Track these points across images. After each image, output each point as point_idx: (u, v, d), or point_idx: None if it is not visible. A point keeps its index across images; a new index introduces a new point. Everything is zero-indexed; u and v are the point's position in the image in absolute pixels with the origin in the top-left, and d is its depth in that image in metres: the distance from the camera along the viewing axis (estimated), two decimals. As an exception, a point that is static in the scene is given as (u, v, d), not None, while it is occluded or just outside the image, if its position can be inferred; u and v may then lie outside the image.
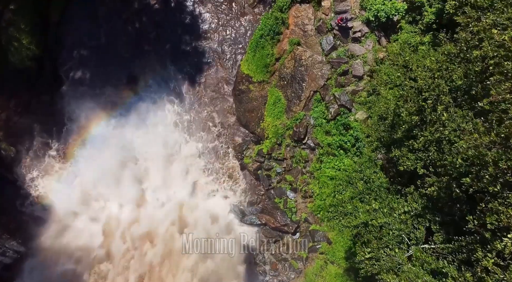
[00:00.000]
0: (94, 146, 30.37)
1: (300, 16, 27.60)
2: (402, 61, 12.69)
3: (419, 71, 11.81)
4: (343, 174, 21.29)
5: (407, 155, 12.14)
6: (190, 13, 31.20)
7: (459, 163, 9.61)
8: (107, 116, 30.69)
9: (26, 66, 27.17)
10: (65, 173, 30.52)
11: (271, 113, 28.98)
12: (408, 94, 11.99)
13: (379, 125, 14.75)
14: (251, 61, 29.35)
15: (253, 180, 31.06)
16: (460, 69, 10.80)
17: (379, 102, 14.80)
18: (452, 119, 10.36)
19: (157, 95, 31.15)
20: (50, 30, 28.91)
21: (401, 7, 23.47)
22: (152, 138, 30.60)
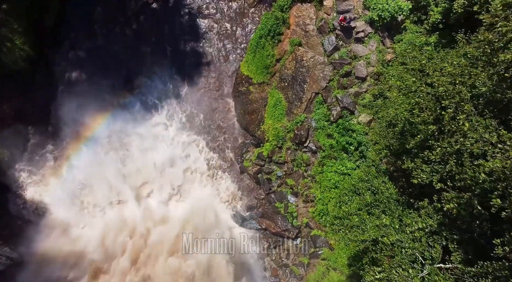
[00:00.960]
0: (90, 149, 29.66)
1: (302, 15, 26.87)
2: (418, 65, 11.82)
3: (438, 76, 10.96)
4: (347, 183, 20.45)
5: (421, 167, 11.21)
6: (189, 14, 30.47)
7: (483, 178, 8.77)
8: (103, 119, 29.91)
9: (20, 67, 26.35)
10: (60, 176, 29.72)
11: (272, 116, 28.24)
12: (424, 101, 11.13)
13: (387, 132, 13.91)
14: (251, 62, 28.61)
15: (253, 183, 30.35)
16: (483, 74, 9.97)
17: (387, 108, 13.99)
18: (474, 129, 9.49)
19: (154, 97, 30.47)
20: (45, 31, 28.12)
21: (406, 6, 22.74)
22: (149, 142, 29.89)
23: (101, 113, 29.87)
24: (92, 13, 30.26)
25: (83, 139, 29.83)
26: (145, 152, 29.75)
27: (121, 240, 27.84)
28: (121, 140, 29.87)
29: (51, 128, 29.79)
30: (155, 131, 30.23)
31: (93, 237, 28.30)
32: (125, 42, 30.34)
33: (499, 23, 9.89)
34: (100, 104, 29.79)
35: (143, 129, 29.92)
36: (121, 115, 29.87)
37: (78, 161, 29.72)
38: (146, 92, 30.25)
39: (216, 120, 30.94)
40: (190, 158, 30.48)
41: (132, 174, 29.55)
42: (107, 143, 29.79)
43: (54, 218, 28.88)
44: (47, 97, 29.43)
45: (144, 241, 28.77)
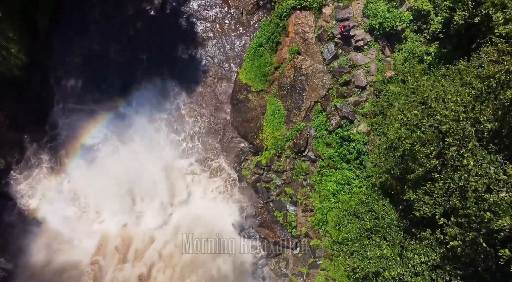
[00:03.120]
0: (87, 158, 29.34)
1: (300, 23, 26.61)
2: (420, 98, 11.46)
3: (440, 110, 10.58)
4: (346, 205, 20.10)
5: (423, 199, 10.91)
6: (186, 20, 30.18)
7: (488, 217, 8.47)
8: (100, 126, 29.61)
9: (15, 75, 25.99)
10: (56, 186, 29.39)
11: (270, 124, 27.97)
12: (426, 135, 10.80)
13: (387, 156, 13.57)
14: (249, 69, 28.33)
15: (251, 192, 30.04)
16: (489, 109, 9.66)
17: (388, 130, 13.67)
18: (479, 164, 9.18)
19: (151, 105, 30.12)
20: (40, 38, 27.78)
21: (406, 16, 22.51)
22: (146, 149, 29.55)
23: (97, 121, 29.57)
24: (88, 18, 29.94)
25: (79, 147, 29.50)
26: (141, 160, 29.36)
27: (119, 251, 27.48)
28: (117, 148, 29.52)
29: (46, 137, 29.46)
30: (151, 140, 29.88)
31: (90, 247, 27.95)
32: (121, 49, 30.02)
33: (505, 61, 9.50)
34: (96, 112, 29.51)
35: (139, 138, 29.57)
36: (117, 123, 29.57)
37: (74, 170, 29.40)
38: (142, 100, 29.90)
39: (213, 128, 30.62)
40: (187, 166, 30.15)
41: (129, 184, 29.19)
42: (103, 151, 29.44)
43: (50, 228, 28.53)
44: (43, 105, 29.08)
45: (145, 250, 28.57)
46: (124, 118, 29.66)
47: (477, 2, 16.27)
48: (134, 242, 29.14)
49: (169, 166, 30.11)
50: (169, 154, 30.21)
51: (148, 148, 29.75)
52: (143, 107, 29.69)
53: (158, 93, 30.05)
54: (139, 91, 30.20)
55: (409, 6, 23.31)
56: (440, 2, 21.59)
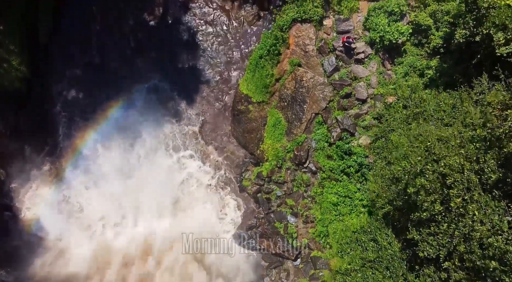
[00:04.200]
0: (87, 167, 29.32)
1: (301, 36, 26.65)
2: (424, 146, 11.33)
3: (444, 158, 10.47)
4: (349, 233, 20.00)
5: (427, 239, 10.85)
6: (187, 31, 30.24)
7: (493, 266, 8.42)
8: (100, 137, 29.60)
9: (16, 87, 26.03)
10: (57, 196, 29.36)
11: (271, 136, 27.99)
12: (431, 185, 10.71)
13: (390, 188, 13.46)
14: (250, 81, 28.38)
15: (252, 202, 30.03)
16: (493, 161, 9.59)
17: (390, 152, 13.63)
18: (483, 212, 9.11)
19: (152, 114, 30.11)
20: (41, 50, 27.82)
21: (406, 30, 22.57)
22: (146, 159, 29.57)
23: (97, 132, 29.58)
24: (89, 30, 30.00)
25: (80, 158, 29.49)
26: (142, 171, 29.37)
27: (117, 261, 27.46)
28: (117, 158, 29.49)
29: (47, 147, 29.45)
30: (151, 149, 29.90)
31: (88, 258, 27.90)
32: (122, 59, 30.04)
33: (509, 116, 9.38)
34: (96, 122, 29.55)
35: (139, 148, 29.60)
36: (118, 134, 29.54)
37: (74, 180, 29.39)
38: (143, 110, 29.90)
39: (214, 138, 30.63)
40: (187, 176, 30.11)
41: (129, 194, 29.18)
42: (103, 161, 29.44)
43: (50, 239, 28.49)
44: (44, 116, 29.11)
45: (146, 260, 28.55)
46: (124, 129, 29.65)
47: (478, 21, 16.31)
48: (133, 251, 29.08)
49: (169, 175, 30.07)
50: (169, 164, 30.17)
51: (148, 158, 29.74)
52: (144, 118, 29.68)
53: (159, 104, 30.06)
54: (139, 101, 30.20)
55: (409, 20, 23.39)
56: (441, 17, 21.68)
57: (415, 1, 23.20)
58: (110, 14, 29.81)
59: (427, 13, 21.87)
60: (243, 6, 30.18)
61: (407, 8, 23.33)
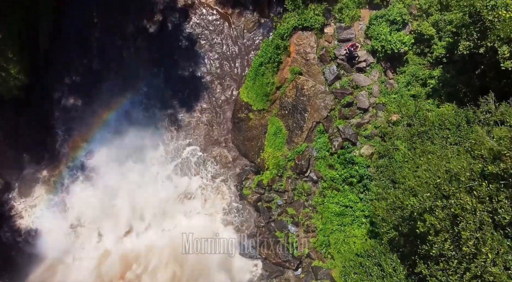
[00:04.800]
0: (87, 176, 29.06)
1: (302, 44, 26.44)
2: (433, 183, 10.93)
3: (455, 197, 10.08)
4: (353, 255, 19.72)
5: (436, 274, 10.47)
6: (187, 38, 30.01)
7: None
8: (98, 145, 29.36)
9: (15, 95, 25.79)
10: (56, 204, 29.11)
11: (272, 144, 27.74)
12: (440, 223, 10.38)
13: (395, 210, 13.09)
14: (250, 89, 28.13)
15: (252, 211, 29.77)
16: (507, 201, 9.27)
17: (394, 182, 13.34)
18: (496, 252, 8.79)
19: (151, 121, 29.89)
20: (40, 57, 27.59)
21: (408, 40, 22.34)
22: (145, 168, 29.30)
23: (96, 140, 29.34)
24: (89, 38, 29.78)
25: (79, 166, 29.24)
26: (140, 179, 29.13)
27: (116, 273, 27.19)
28: (116, 167, 29.25)
29: (47, 155, 29.20)
30: (151, 158, 29.66)
31: (86, 269, 27.62)
32: (122, 66, 29.81)
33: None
34: (96, 130, 29.31)
35: (138, 156, 29.35)
36: (116, 142, 29.26)
37: (73, 188, 29.14)
38: (142, 118, 29.67)
39: (213, 146, 30.36)
40: (186, 185, 29.86)
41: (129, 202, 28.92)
42: (103, 169, 29.21)
43: (49, 248, 28.19)
44: (43, 124, 28.87)
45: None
46: (123, 136, 29.37)
47: (482, 33, 16.08)
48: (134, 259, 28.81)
49: (168, 183, 29.84)
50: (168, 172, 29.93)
51: (147, 166, 29.51)
52: (142, 125, 29.44)
53: (157, 111, 29.83)
54: (140, 107, 29.97)
55: (411, 29, 23.19)
56: (443, 27, 21.47)
57: (417, 10, 22.99)
58: (111, 20, 29.58)
59: (430, 23, 21.66)
60: (243, 13, 29.96)
61: (409, 17, 23.12)
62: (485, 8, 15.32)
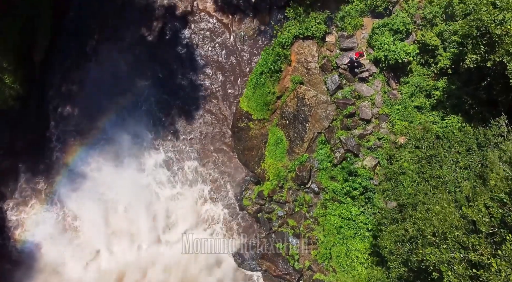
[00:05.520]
0: (82, 186, 28.51)
1: (303, 52, 25.93)
2: (451, 237, 10.10)
3: (474, 251, 9.43)
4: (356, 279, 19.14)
5: None
6: (186, 46, 29.47)
7: None
8: (95, 154, 28.80)
9: (9, 106, 25.30)
10: (52, 215, 28.57)
11: (272, 154, 27.20)
12: (459, 278, 9.59)
13: (403, 242, 12.43)
14: (250, 98, 27.61)
15: (253, 222, 29.23)
16: None
17: (400, 205, 12.78)
18: None
19: (150, 132, 29.34)
20: (36, 67, 27.09)
21: (412, 50, 21.78)
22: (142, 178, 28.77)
23: (93, 150, 28.79)
24: (86, 44, 29.25)
25: (75, 176, 28.68)
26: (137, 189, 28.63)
27: None
28: (114, 177, 28.72)
29: (43, 165, 28.67)
30: (148, 168, 29.12)
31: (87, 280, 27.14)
32: (120, 75, 29.24)
33: None
34: (92, 140, 28.79)
35: (137, 166, 28.82)
36: (113, 152, 28.74)
37: (69, 198, 28.60)
38: (140, 128, 29.11)
39: (213, 155, 29.82)
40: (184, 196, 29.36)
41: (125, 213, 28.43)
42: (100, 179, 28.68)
43: (45, 260, 27.68)
44: (39, 134, 28.33)
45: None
46: (121, 147, 28.83)
47: (490, 47, 15.55)
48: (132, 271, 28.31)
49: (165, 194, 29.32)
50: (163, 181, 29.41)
51: (144, 177, 28.98)
52: (140, 136, 28.92)
53: (156, 120, 29.28)
54: (137, 117, 29.43)
55: (415, 38, 22.65)
56: (448, 37, 20.96)
57: (421, 19, 22.45)
58: (108, 29, 29.06)
59: (434, 33, 21.13)
60: (243, 20, 29.42)
61: (413, 26, 22.57)
62: (493, 22, 14.79)
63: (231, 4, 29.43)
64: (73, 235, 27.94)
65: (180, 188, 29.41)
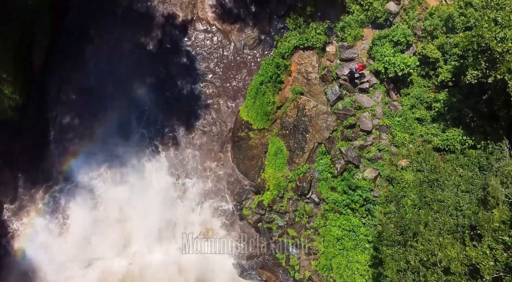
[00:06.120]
0: (83, 197, 28.40)
1: (303, 63, 25.87)
2: None
3: None
4: None
5: None
6: (186, 55, 29.39)
7: None
8: (96, 164, 28.70)
9: (8, 116, 25.21)
10: (51, 224, 28.43)
11: (273, 164, 27.10)
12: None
13: (405, 272, 12.25)
14: (250, 107, 27.53)
15: (253, 232, 29.11)
16: None
17: (400, 227, 12.64)
18: None
19: (149, 141, 29.22)
20: (35, 76, 27.01)
21: (413, 62, 21.68)
22: (143, 189, 28.67)
23: (93, 159, 28.67)
24: (85, 52, 29.13)
25: (75, 185, 28.56)
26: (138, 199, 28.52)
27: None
28: (113, 187, 28.64)
29: (42, 174, 28.53)
30: (149, 178, 29.01)
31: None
32: (119, 84, 29.12)
33: None
34: (93, 149, 28.68)
35: (136, 176, 28.72)
36: (114, 161, 28.63)
37: (70, 208, 28.49)
38: (139, 136, 29.01)
39: (212, 164, 29.71)
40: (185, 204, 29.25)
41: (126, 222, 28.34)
42: (99, 190, 28.59)
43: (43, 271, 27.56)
44: (39, 143, 28.20)
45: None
46: (122, 155, 28.74)
47: (491, 63, 15.48)
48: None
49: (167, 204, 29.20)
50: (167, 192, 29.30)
51: (145, 186, 28.86)
52: (141, 145, 28.82)
53: (156, 130, 29.18)
54: (137, 125, 29.32)
55: (416, 50, 22.56)
56: (449, 49, 20.89)
57: (421, 31, 22.38)
58: (108, 38, 28.97)
59: (435, 45, 21.05)
60: (243, 29, 29.35)
61: (413, 38, 22.49)
62: (494, 39, 14.72)
63: (231, 13, 29.38)
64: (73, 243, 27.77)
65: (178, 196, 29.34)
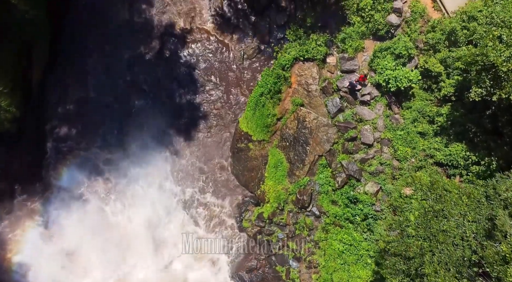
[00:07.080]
0: (79, 209, 28.06)
1: (304, 74, 25.57)
2: None
3: None
4: None
5: None
6: (185, 65, 29.09)
7: None
8: (95, 176, 28.39)
9: (5, 129, 24.90)
10: (47, 235, 28.10)
11: (273, 177, 26.77)
12: None
13: None
14: (250, 119, 27.23)
15: (252, 244, 28.74)
16: None
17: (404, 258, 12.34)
18: None
19: (149, 153, 28.91)
20: (33, 88, 26.72)
21: (415, 77, 21.34)
22: (143, 201, 28.35)
23: (91, 172, 28.37)
24: (83, 64, 28.84)
25: (71, 198, 28.24)
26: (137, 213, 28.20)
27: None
28: (111, 200, 28.35)
29: (39, 186, 28.22)
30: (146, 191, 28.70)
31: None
32: (118, 97, 28.83)
33: None
34: (91, 161, 28.38)
35: (133, 189, 28.42)
36: (112, 173, 28.34)
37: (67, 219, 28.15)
38: (138, 149, 28.70)
39: (213, 176, 29.38)
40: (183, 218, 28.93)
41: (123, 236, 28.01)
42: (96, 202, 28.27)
43: None
44: (36, 155, 27.92)
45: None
46: (121, 167, 28.45)
47: (496, 82, 15.17)
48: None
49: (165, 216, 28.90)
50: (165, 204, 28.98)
51: (142, 200, 28.55)
52: (139, 157, 28.49)
53: (155, 141, 28.88)
54: (136, 137, 29.01)
55: (418, 63, 22.26)
56: (452, 63, 20.59)
57: (423, 44, 22.08)
58: (107, 49, 28.69)
59: (438, 59, 20.74)
60: (243, 40, 29.04)
61: (415, 51, 22.19)
62: (499, 57, 14.42)
63: (230, 23, 29.09)
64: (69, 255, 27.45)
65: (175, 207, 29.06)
